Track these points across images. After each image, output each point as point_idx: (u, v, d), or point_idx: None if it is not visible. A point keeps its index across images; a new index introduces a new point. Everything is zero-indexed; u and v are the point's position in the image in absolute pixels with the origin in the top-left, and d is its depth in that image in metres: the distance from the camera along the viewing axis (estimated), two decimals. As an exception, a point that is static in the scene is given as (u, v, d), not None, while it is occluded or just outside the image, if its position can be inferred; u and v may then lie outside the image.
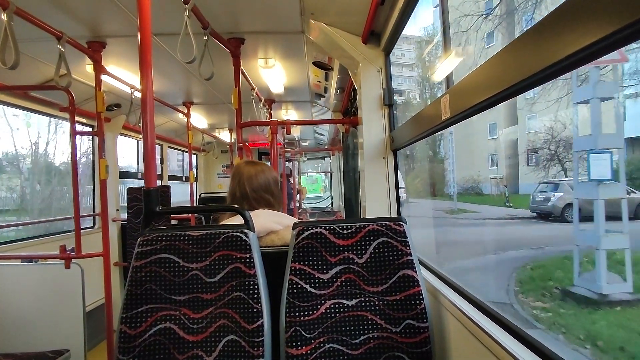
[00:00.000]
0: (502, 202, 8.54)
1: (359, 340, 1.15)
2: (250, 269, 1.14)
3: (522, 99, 7.77)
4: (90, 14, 2.03)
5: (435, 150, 13.80)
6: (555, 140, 6.61)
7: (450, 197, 10.76)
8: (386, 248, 1.21)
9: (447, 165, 12.15)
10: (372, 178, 2.20)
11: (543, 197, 6.46)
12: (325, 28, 2.14)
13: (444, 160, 13.11)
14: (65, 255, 2.18)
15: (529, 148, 7.94)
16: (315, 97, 4.02)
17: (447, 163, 12.34)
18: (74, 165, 2.45)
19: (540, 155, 7.33)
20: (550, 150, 6.87)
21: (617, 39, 0.51)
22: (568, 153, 6.23)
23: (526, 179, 7.87)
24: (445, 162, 12.73)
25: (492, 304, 1.13)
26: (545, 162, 7.08)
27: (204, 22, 1.86)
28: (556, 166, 6.75)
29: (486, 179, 9.90)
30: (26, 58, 2.35)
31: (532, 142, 7.84)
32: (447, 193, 11.54)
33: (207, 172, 6.90)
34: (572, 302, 3.99)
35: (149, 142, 1.25)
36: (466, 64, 0.83)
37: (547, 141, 6.87)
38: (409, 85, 19.68)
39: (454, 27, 6.31)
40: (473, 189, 10.45)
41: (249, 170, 1.51)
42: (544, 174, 6.90)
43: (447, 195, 11.32)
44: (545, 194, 6.41)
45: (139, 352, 1.11)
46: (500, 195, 8.95)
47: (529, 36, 0.71)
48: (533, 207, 6.69)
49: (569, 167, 6.20)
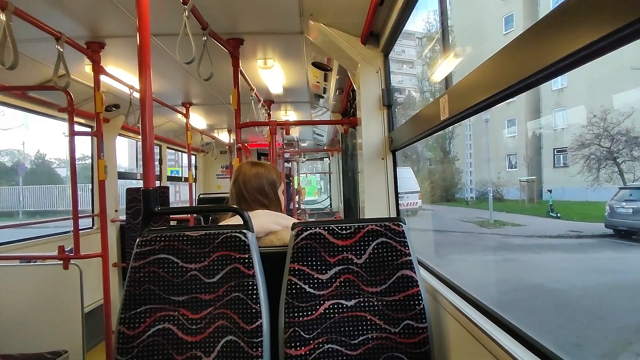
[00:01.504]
0: (541, 210, 6.89)
1: (358, 340, 1.15)
2: (249, 269, 1.14)
3: (546, 89, 6.89)
4: (89, 15, 2.03)
5: (446, 149, 12.56)
6: (610, 134, 5.14)
7: (467, 203, 9.20)
8: (385, 248, 1.21)
9: (459, 166, 10.88)
10: (371, 178, 2.20)
11: (632, 209, 4.62)
12: (324, 29, 2.14)
13: (455, 161, 11.93)
14: (64, 256, 2.17)
15: (560, 147, 6.60)
16: (314, 97, 4.02)
17: (460, 164, 11.08)
18: (73, 165, 2.44)
19: (581, 153, 5.79)
20: (603, 147, 5.37)
21: (616, 38, 0.51)
22: (632, 150, 4.82)
23: (554, 182, 6.65)
24: (457, 163, 11.57)
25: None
26: (596, 161, 5.49)
27: (203, 22, 1.86)
28: (609, 167, 5.24)
29: (508, 182, 8.25)
30: (25, 58, 2.35)
31: (565, 138, 6.53)
32: (461, 198, 9.93)
33: (206, 173, 6.89)
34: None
35: (147, 143, 1.25)
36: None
37: (598, 136, 5.44)
38: (410, 82, 19.42)
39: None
40: (492, 194, 8.75)
41: (247, 171, 1.52)
42: (592, 177, 5.44)
43: (463, 201, 9.77)
44: (636, 203, 4.60)
45: (137, 352, 1.11)
46: (528, 201, 7.35)
47: (527, 36, 0.71)
48: (613, 222, 4.86)
49: (625, 169, 4.78)
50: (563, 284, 4.50)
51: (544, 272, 4.89)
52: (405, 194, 11.11)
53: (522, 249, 6.06)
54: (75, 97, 2.46)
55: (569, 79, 6.18)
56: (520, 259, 5.80)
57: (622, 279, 4.16)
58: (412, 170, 11.48)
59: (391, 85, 2.24)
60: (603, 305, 3.91)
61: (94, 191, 3.79)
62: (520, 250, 6.10)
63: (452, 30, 14.24)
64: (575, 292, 4.28)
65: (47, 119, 3.14)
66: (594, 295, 4.10)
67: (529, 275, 4.98)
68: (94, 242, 2.94)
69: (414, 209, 11.69)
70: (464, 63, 1.57)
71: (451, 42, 11.65)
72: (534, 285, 4.70)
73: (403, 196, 10.46)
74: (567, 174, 6.31)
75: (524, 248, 6.13)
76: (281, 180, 1.60)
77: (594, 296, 4.10)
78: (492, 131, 9.17)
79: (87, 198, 4.10)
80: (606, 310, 3.75)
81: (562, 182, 6.40)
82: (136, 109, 2.69)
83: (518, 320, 0.91)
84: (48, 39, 1.90)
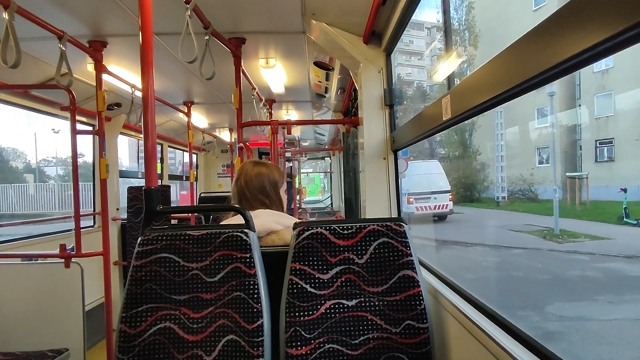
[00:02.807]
0: (597, 213, 5.41)
1: (359, 340, 1.15)
2: (250, 268, 1.14)
3: (586, 72, 5.47)
4: (91, 14, 2.03)
5: (466, 142, 10.70)
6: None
7: (498, 204, 7.60)
8: (386, 248, 1.21)
9: (484, 161, 9.13)
10: (372, 178, 2.20)
11: None
12: (326, 28, 2.14)
13: (477, 155, 10.15)
14: (65, 254, 2.18)
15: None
16: (316, 97, 4.02)
17: (482, 158, 9.49)
18: (75, 164, 2.45)
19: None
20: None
21: (619, 40, 0.51)
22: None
23: (595, 179, 5.34)
24: (479, 158, 9.85)
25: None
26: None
27: (205, 21, 1.86)
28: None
29: (543, 180, 6.70)
30: (27, 57, 2.35)
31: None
32: (489, 198, 8.12)
33: (208, 172, 6.90)
34: None
35: (150, 142, 1.25)
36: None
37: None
38: (418, 75, 18.77)
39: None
40: (523, 193, 7.35)
41: (250, 171, 1.52)
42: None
43: (492, 202, 8.07)
44: None
45: (138, 351, 1.11)
46: (578, 202, 5.83)
47: (531, 37, 0.71)
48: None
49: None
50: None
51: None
52: (431, 195, 9.43)
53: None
54: (77, 95, 2.46)
55: (615, 60, 5.08)
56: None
57: None
58: (440, 165, 9.84)
59: (393, 86, 2.24)
60: None
61: (95, 190, 3.80)
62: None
63: (472, 8, 13.30)
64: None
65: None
66: None
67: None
68: (95, 241, 2.94)
69: (442, 213, 9.72)
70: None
71: (472, 21, 10.53)
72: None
73: (430, 197, 9.11)
74: (611, 170, 5.14)
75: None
76: (283, 179, 1.60)
77: None
78: (516, 121, 7.73)
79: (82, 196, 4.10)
80: None
81: (605, 178, 5.31)
82: (138, 108, 2.69)
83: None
84: (50, 38, 1.90)
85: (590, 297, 4.15)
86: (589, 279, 4.46)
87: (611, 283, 4.34)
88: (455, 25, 12.50)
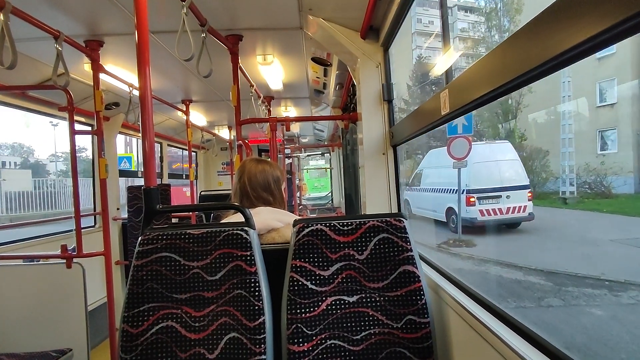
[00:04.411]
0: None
1: (360, 336, 1.16)
2: (251, 266, 1.14)
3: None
4: (87, 13, 2.02)
5: (509, 124, 8.16)
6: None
7: (566, 202, 5.53)
8: (386, 244, 1.21)
9: (538, 146, 7.20)
10: (372, 174, 2.20)
11: None
12: (323, 23, 2.12)
13: (524, 140, 7.91)
14: (67, 255, 2.18)
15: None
16: (314, 93, 4.01)
17: (532, 142, 7.51)
18: (74, 164, 2.44)
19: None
20: None
21: (616, 32, 0.51)
22: None
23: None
24: (525, 142, 7.78)
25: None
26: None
27: (201, 19, 1.85)
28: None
29: (621, 169, 4.89)
30: (24, 58, 2.34)
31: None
32: (550, 193, 6.16)
33: (207, 170, 6.90)
34: None
35: (148, 141, 1.25)
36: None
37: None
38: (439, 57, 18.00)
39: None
40: (590, 186, 5.58)
41: (252, 168, 1.51)
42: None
43: (555, 199, 5.85)
44: None
45: (141, 350, 1.11)
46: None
47: (528, 30, 0.70)
48: None
49: None
50: None
51: None
52: (502, 192, 6.31)
53: None
54: (74, 95, 2.45)
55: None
56: None
57: None
58: (512, 148, 6.74)
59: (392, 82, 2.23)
60: None
61: (95, 189, 3.80)
62: None
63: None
64: None
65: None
66: None
67: None
68: (96, 241, 2.95)
69: (515, 219, 6.23)
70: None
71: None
72: None
73: (500, 195, 6.26)
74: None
75: None
76: (284, 177, 1.60)
77: None
78: (569, 98, 6.01)
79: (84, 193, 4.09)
80: None
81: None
82: (136, 107, 2.67)
83: None
84: (47, 38, 1.89)
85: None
86: None
87: None
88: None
